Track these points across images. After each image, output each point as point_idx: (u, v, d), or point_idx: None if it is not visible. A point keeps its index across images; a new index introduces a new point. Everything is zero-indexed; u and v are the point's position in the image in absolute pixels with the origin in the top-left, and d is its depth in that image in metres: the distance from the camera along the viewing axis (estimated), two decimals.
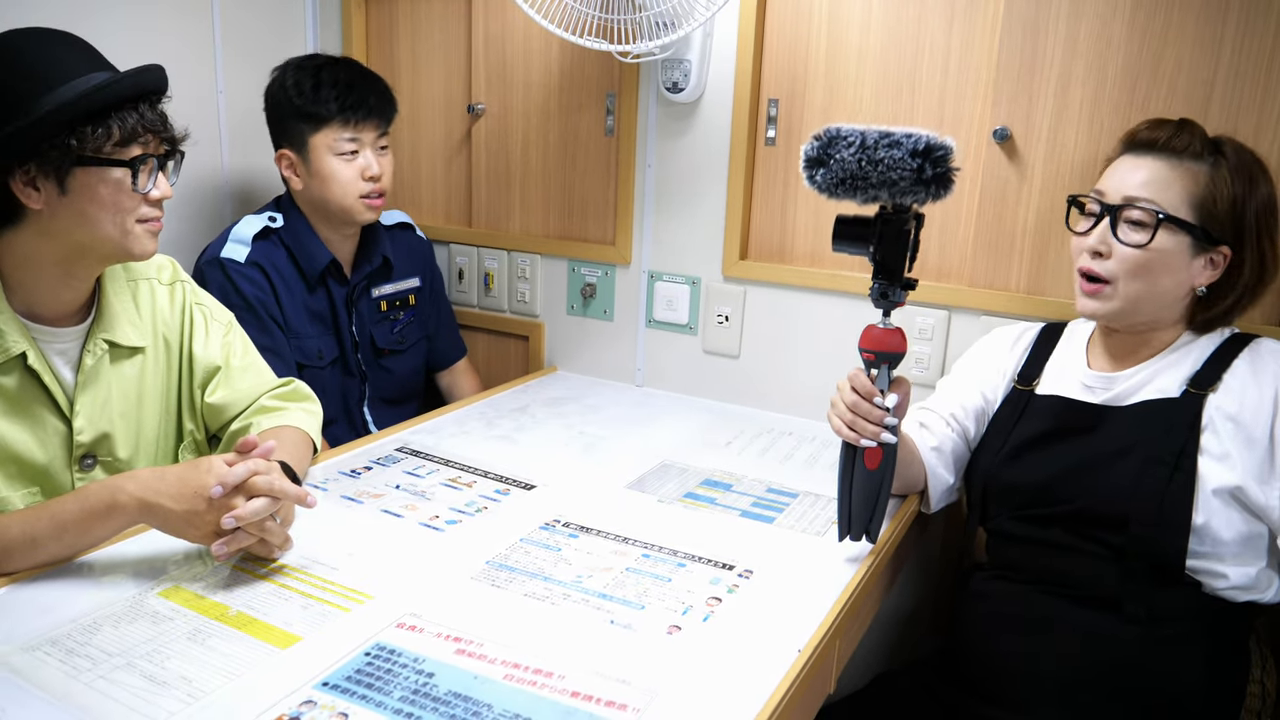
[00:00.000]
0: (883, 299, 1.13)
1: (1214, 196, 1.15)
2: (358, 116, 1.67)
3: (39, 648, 0.93)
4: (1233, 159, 1.17)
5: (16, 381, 1.14)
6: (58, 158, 1.07)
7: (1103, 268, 1.19)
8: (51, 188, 1.09)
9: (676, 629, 1.03)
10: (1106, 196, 1.20)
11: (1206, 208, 1.15)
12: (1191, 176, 1.16)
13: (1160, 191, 1.16)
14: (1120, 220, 1.17)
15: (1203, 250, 1.17)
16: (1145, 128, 1.21)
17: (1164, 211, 1.15)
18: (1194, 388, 1.18)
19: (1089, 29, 1.43)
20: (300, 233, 1.71)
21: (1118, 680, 1.16)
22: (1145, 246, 1.15)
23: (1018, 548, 1.28)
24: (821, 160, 1.07)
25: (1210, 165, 1.16)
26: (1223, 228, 1.16)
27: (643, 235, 1.88)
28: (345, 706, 0.87)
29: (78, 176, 1.09)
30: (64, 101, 1.06)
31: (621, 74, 1.82)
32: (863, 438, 1.15)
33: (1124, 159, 1.21)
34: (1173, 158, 1.17)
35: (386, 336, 1.86)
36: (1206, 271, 1.18)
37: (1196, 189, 1.15)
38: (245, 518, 1.06)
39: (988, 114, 1.54)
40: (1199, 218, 1.15)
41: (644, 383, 1.96)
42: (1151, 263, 1.16)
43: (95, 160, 1.09)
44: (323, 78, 1.65)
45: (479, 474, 1.44)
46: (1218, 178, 1.16)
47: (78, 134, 1.07)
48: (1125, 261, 1.17)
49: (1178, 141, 1.17)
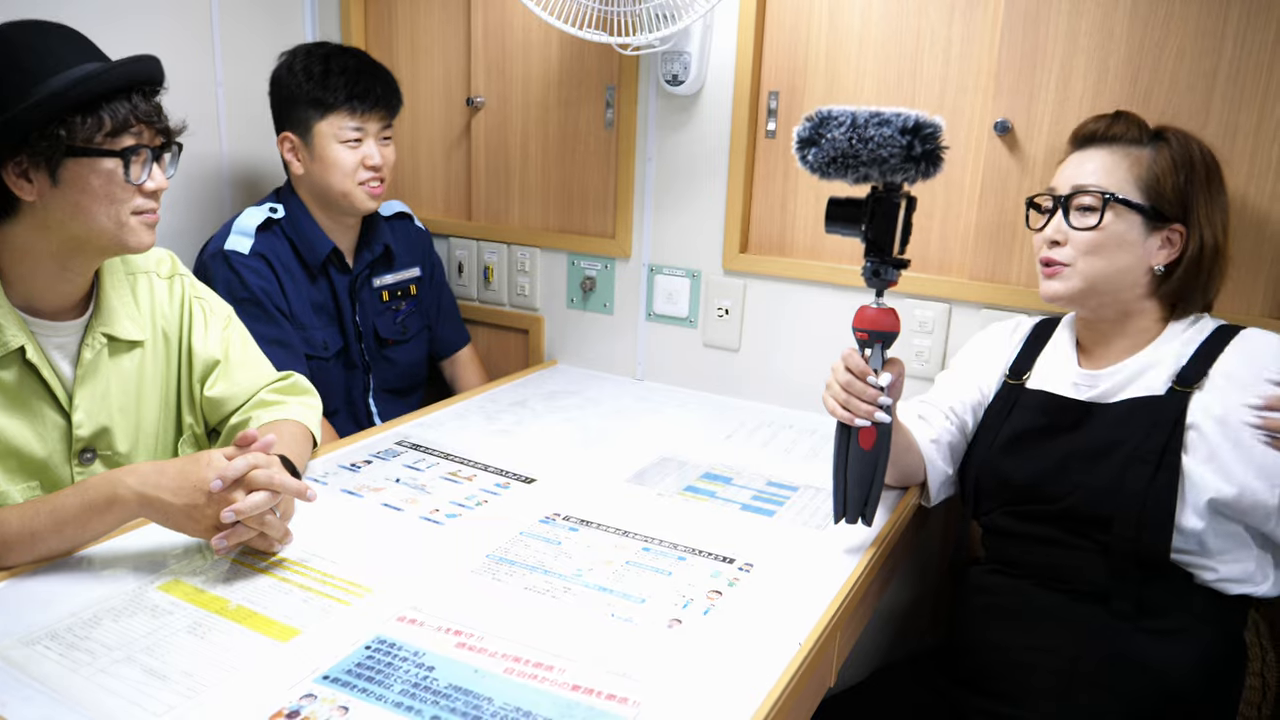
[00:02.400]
0: (875, 277, 1.15)
1: (1159, 176, 1.20)
2: (364, 106, 1.67)
3: (39, 641, 0.93)
4: (1174, 142, 1.21)
5: (15, 375, 1.14)
6: (48, 148, 1.06)
7: (1060, 254, 1.23)
8: (43, 179, 1.08)
9: (677, 622, 1.03)
10: (1058, 190, 1.25)
11: (1153, 188, 1.20)
12: (1135, 160, 1.21)
13: (1106, 176, 1.21)
14: (1072, 208, 1.22)
15: (1155, 229, 1.20)
16: (1088, 123, 1.26)
17: (1110, 193, 1.19)
18: (1179, 385, 1.18)
19: (1090, 21, 1.43)
20: (301, 222, 1.71)
21: (1113, 673, 1.16)
22: (1097, 228, 1.20)
23: (1011, 542, 1.28)
24: (813, 140, 1.10)
25: (1153, 149, 1.21)
26: (1172, 206, 1.20)
27: (643, 228, 1.88)
28: (346, 700, 0.87)
29: (69, 167, 1.09)
30: (53, 91, 1.06)
31: (621, 67, 1.81)
32: (857, 417, 1.15)
33: (1072, 156, 1.27)
34: (1115, 145, 1.23)
35: (389, 326, 1.86)
36: (1163, 251, 1.21)
37: (1141, 170, 1.20)
38: (245, 511, 1.06)
39: (989, 106, 1.53)
40: (1147, 197, 1.20)
41: (644, 376, 1.96)
42: (1105, 242, 1.20)
43: (85, 150, 1.09)
44: (332, 65, 1.66)
45: (479, 467, 1.44)
46: (1161, 159, 1.20)
47: (67, 124, 1.06)
48: (1080, 244, 1.21)
49: (1117, 129, 1.23)
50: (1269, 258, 1.38)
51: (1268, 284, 1.39)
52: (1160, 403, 1.18)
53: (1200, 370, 1.18)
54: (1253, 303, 1.40)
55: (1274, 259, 1.38)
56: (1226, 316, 1.30)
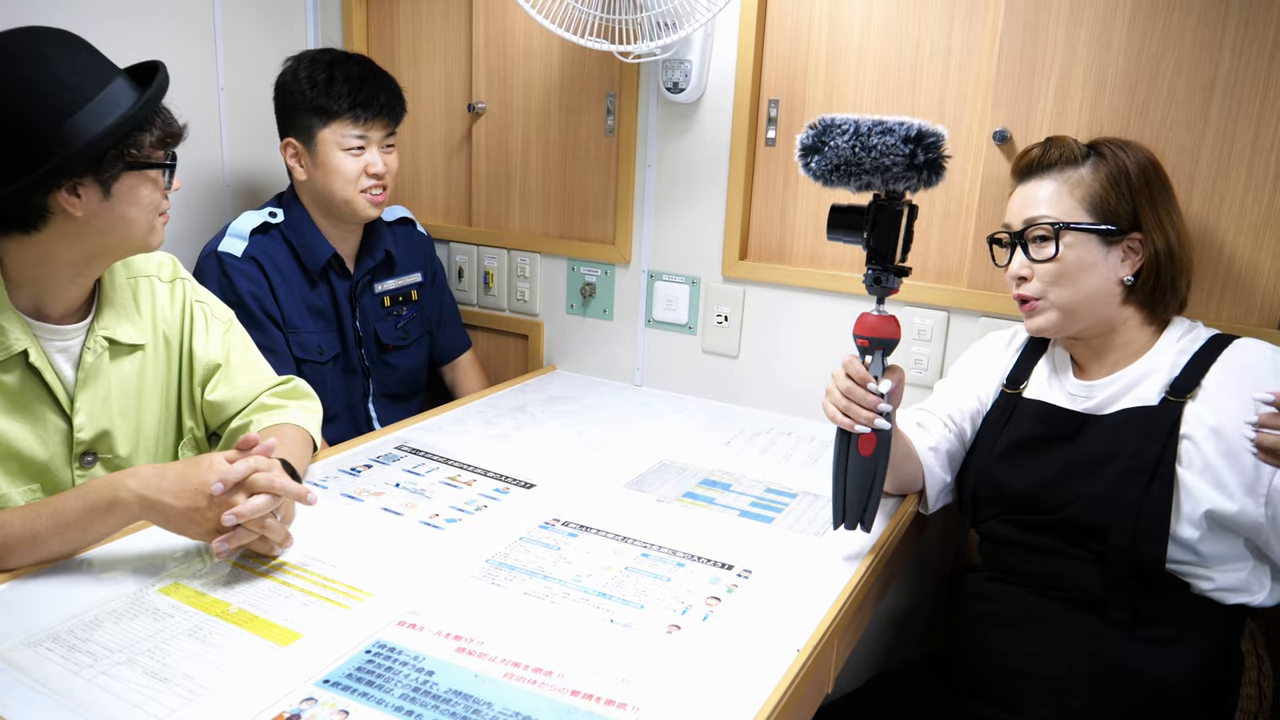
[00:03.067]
0: (876, 285, 1.16)
1: (1101, 193, 1.21)
2: (368, 114, 1.68)
3: (40, 644, 0.94)
4: (1109, 154, 1.23)
5: (18, 379, 1.14)
6: (112, 165, 1.10)
7: (1029, 289, 1.25)
8: (94, 193, 1.11)
9: (676, 628, 1.03)
10: (1012, 225, 1.27)
11: (1099, 205, 1.21)
12: (1075, 182, 1.22)
13: (1053, 204, 1.23)
14: (1029, 241, 1.24)
15: (1113, 243, 1.21)
16: (1023, 155, 1.28)
17: (1060, 221, 1.21)
18: (1173, 395, 1.19)
19: (1089, 32, 1.44)
20: (302, 227, 1.72)
21: (1109, 681, 1.17)
22: (1055, 258, 1.21)
23: (1009, 550, 1.29)
24: (816, 148, 1.11)
25: (1090, 168, 1.23)
26: (1122, 218, 1.21)
27: (642, 235, 1.89)
28: (346, 704, 0.87)
29: (123, 180, 1.12)
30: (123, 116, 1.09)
31: (622, 74, 1.82)
32: (856, 424, 1.16)
33: (1018, 189, 1.28)
34: (1053, 171, 1.25)
35: (390, 332, 1.86)
36: (1127, 261, 1.22)
37: (1084, 191, 1.22)
38: (246, 515, 1.06)
39: (988, 116, 1.54)
40: (1096, 216, 1.21)
41: (643, 382, 1.96)
42: (1067, 270, 1.22)
43: (143, 164, 1.13)
44: (336, 73, 1.67)
45: (479, 473, 1.45)
46: (1099, 176, 1.22)
47: (134, 141, 1.11)
48: (1045, 276, 1.23)
49: (1051, 155, 1.25)
50: (1266, 268, 1.39)
51: (1264, 293, 1.39)
52: (1154, 413, 1.19)
53: (1193, 380, 1.18)
54: (1250, 311, 1.41)
55: (1271, 269, 1.39)
56: (1225, 325, 1.31)
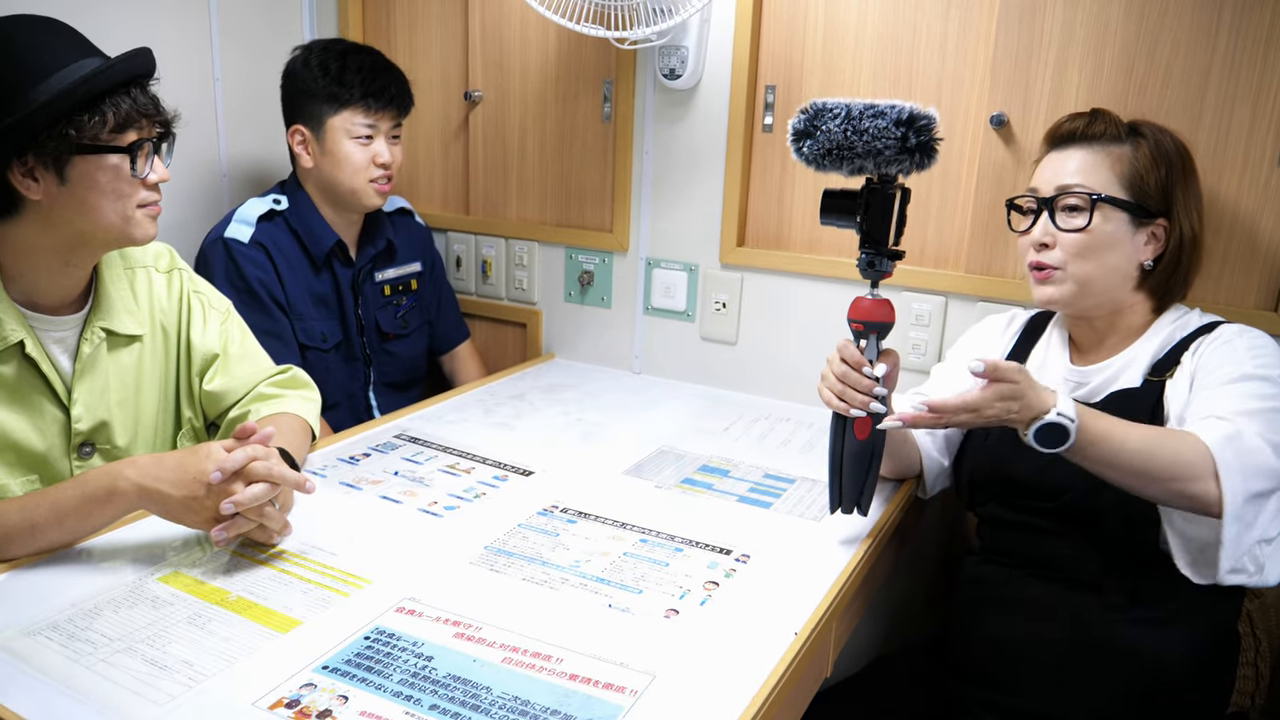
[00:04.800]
0: (870, 269, 1.16)
1: (1141, 173, 1.20)
2: (379, 104, 1.68)
3: (40, 632, 0.94)
4: (1151, 137, 1.22)
5: (14, 370, 1.14)
6: (55, 147, 1.07)
7: (1050, 257, 1.23)
8: (50, 178, 1.09)
9: (674, 613, 1.03)
10: (1041, 191, 1.24)
11: (1136, 184, 1.20)
12: (1116, 158, 1.21)
13: (1090, 175, 1.21)
14: (1058, 209, 1.22)
15: (1141, 225, 1.21)
16: (1064, 122, 1.26)
17: (1097, 193, 1.19)
18: (1153, 375, 1.19)
19: (1086, 14, 1.43)
20: (306, 214, 1.72)
21: (1106, 663, 1.17)
22: (1085, 229, 1.20)
23: (1006, 533, 1.29)
24: (808, 132, 1.10)
25: (1132, 146, 1.21)
26: (1155, 201, 1.20)
27: (640, 222, 1.88)
28: (345, 689, 0.88)
29: (76, 165, 1.09)
30: (60, 90, 1.06)
31: (618, 61, 1.81)
32: (852, 408, 1.16)
33: (1050, 155, 1.26)
34: (1095, 144, 1.22)
35: (390, 321, 1.87)
36: (1149, 246, 1.22)
37: (1123, 168, 1.20)
38: (244, 503, 1.06)
39: (985, 99, 1.53)
40: (1132, 194, 1.20)
41: (642, 369, 1.96)
42: (1095, 243, 1.20)
43: (93, 148, 1.09)
44: (349, 62, 1.67)
45: (477, 460, 1.45)
46: (1140, 156, 1.20)
47: (75, 123, 1.07)
48: (1070, 247, 1.21)
49: (1095, 129, 1.23)
50: (1262, 250, 1.39)
51: (1261, 277, 1.39)
52: (1136, 395, 1.19)
53: (1173, 359, 1.19)
54: (1245, 295, 1.41)
55: (1267, 252, 1.38)
56: (1222, 309, 1.31)
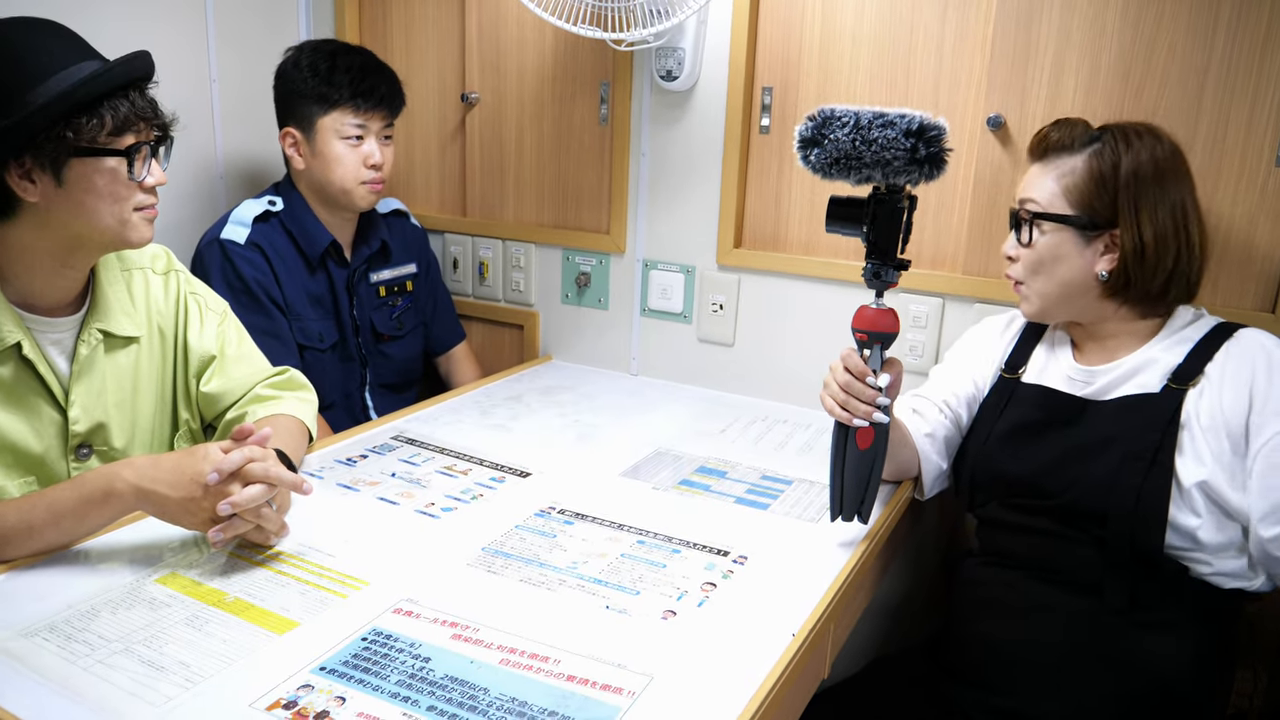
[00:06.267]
0: (875, 279, 1.15)
1: (1081, 184, 1.19)
2: (368, 103, 1.68)
3: (37, 633, 0.94)
4: (1108, 144, 1.18)
5: (11, 372, 1.14)
6: (53, 150, 1.07)
7: (1013, 271, 1.26)
8: (48, 180, 1.08)
9: (671, 614, 1.03)
10: (1014, 204, 1.26)
11: (1079, 196, 1.19)
12: (1065, 169, 1.21)
13: (1038, 189, 1.22)
14: (1020, 224, 1.23)
15: (1092, 236, 1.19)
16: (1037, 134, 1.25)
17: (1038, 209, 1.20)
18: (1175, 383, 1.18)
19: (1082, 17, 1.43)
20: (300, 215, 1.72)
21: (1104, 665, 1.17)
22: (1030, 244, 1.22)
23: (1006, 534, 1.29)
24: (816, 140, 1.09)
25: (1084, 155, 1.19)
26: (1100, 212, 1.18)
27: (637, 224, 1.88)
28: (343, 690, 0.87)
29: (74, 168, 1.09)
30: (58, 93, 1.06)
31: (615, 62, 1.81)
32: (855, 417, 1.16)
33: (1030, 168, 1.26)
34: (1049, 156, 1.23)
35: (386, 322, 1.87)
36: (1106, 256, 1.20)
37: (1071, 179, 1.20)
38: (241, 504, 1.06)
39: (981, 101, 1.54)
40: (1076, 206, 1.19)
41: (639, 371, 1.96)
42: (1041, 259, 1.22)
43: (91, 150, 1.09)
44: (338, 62, 1.67)
45: (474, 462, 1.45)
46: (1088, 166, 1.19)
47: (72, 125, 1.07)
48: (1024, 262, 1.24)
49: (1054, 139, 1.22)
50: (1261, 251, 1.39)
51: (1259, 277, 1.40)
52: (1155, 400, 1.18)
53: (1196, 368, 1.18)
54: (1244, 296, 1.41)
55: (1265, 253, 1.39)
56: (1219, 311, 1.31)
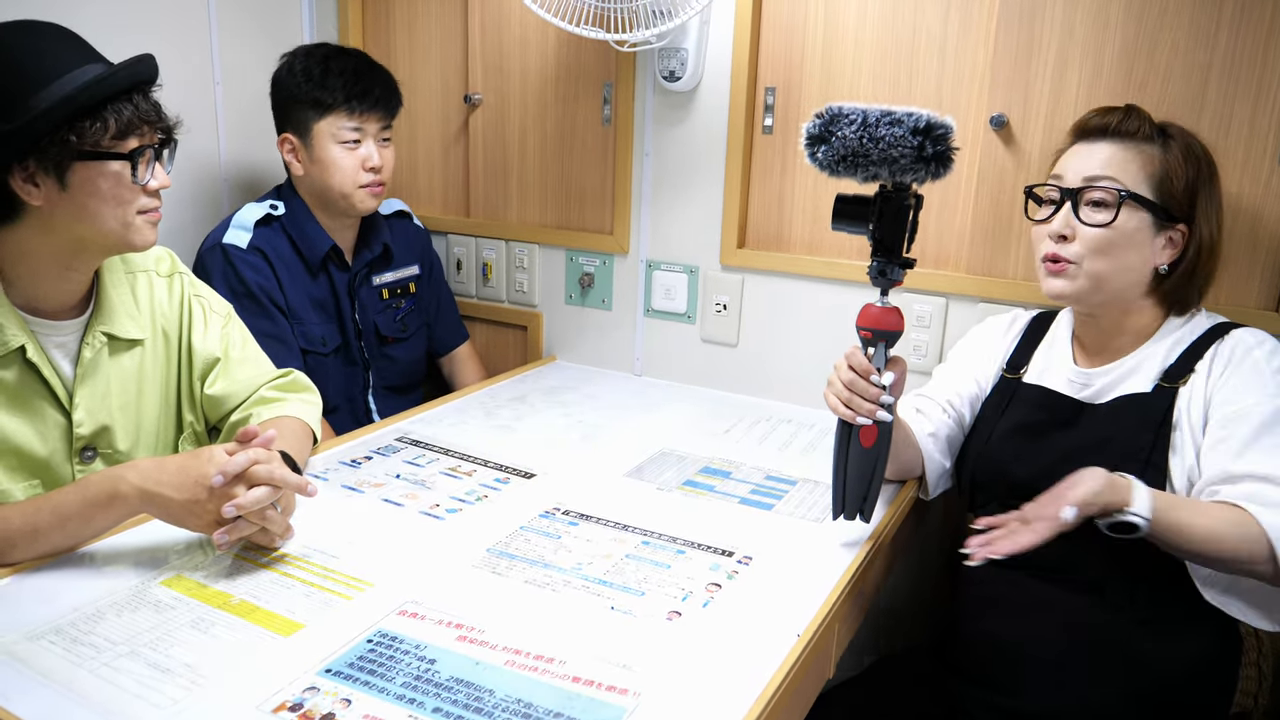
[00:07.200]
0: (881, 277, 1.14)
1: (1169, 176, 1.18)
2: (363, 106, 1.67)
3: (43, 636, 0.94)
4: (1180, 141, 1.20)
5: (16, 375, 1.14)
6: (57, 153, 1.07)
7: (1067, 251, 1.21)
8: (51, 184, 1.09)
9: (676, 615, 1.03)
10: (1065, 181, 1.22)
11: (1163, 186, 1.18)
12: (1146, 157, 1.19)
13: (1120, 171, 1.19)
14: (1082, 202, 1.20)
15: (1163, 228, 1.19)
16: (1095, 115, 1.24)
17: (1126, 189, 1.18)
18: (1165, 382, 1.18)
19: (1085, 14, 1.43)
20: (301, 220, 1.72)
21: (1107, 663, 1.17)
22: (1109, 225, 1.18)
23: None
24: (823, 138, 1.09)
25: (1161, 147, 1.19)
26: (1179, 206, 1.19)
27: (640, 224, 1.88)
28: (348, 693, 0.88)
29: (77, 171, 1.09)
30: (62, 96, 1.06)
31: (618, 63, 1.81)
32: (859, 415, 1.16)
33: (1078, 146, 1.24)
34: (1126, 140, 1.20)
35: (389, 324, 1.86)
36: (1167, 250, 1.20)
37: (1153, 168, 1.19)
38: (246, 506, 1.06)
39: (984, 100, 1.54)
40: (1158, 195, 1.18)
41: (642, 372, 1.96)
42: (1115, 241, 1.18)
43: (94, 154, 1.09)
44: (331, 66, 1.66)
45: (479, 463, 1.45)
46: (1170, 158, 1.19)
47: (76, 129, 1.07)
48: (1089, 242, 1.19)
49: (1128, 125, 1.20)
50: (1264, 249, 1.39)
51: (1263, 276, 1.39)
52: (1147, 400, 1.18)
53: (1186, 366, 1.18)
54: (1248, 294, 1.41)
55: (1269, 251, 1.38)
56: (1223, 309, 1.30)
